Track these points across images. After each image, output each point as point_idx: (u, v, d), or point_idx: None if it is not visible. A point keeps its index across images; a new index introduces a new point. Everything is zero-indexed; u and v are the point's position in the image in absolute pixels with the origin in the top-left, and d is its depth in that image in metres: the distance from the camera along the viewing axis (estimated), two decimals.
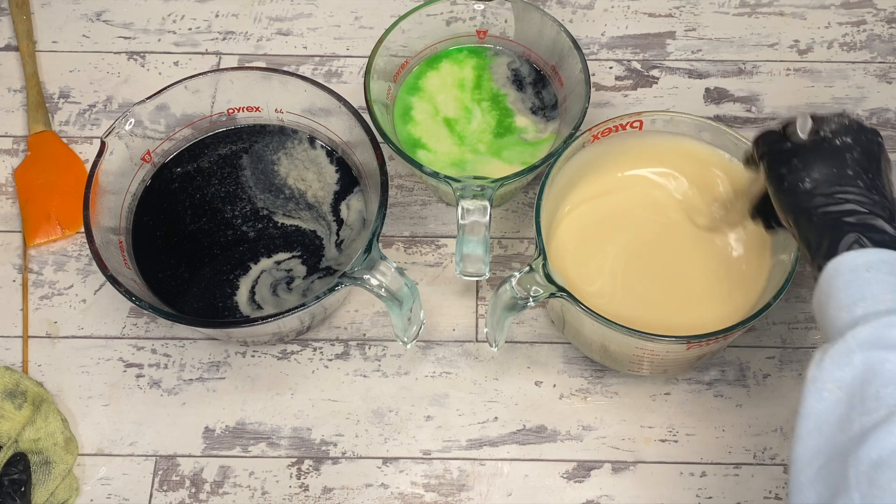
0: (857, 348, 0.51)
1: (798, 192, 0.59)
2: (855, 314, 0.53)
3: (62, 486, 0.73)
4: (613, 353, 0.73)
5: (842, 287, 0.54)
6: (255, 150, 0.82)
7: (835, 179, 0.59)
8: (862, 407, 0.49)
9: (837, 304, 0.54)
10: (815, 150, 0.60)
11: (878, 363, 0.50)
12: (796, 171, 0.60)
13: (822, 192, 0.58)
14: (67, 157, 0.88)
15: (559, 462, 0.75)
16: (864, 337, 0.51)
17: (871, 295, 0.53)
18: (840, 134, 0.60)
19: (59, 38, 0.95)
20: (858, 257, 0.55)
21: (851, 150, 0.60)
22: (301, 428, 0.77)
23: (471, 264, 0.72)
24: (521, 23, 0.82)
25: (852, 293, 0.54)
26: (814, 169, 0.59)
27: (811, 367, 0.53)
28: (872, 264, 0.54)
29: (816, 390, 0.52)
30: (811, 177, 0.59)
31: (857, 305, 0.53)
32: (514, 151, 0.81)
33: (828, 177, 0.59)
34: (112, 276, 0.68)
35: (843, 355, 0.51)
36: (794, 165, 0.60)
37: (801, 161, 0.60)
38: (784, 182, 0.60)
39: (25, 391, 0.76)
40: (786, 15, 0.95)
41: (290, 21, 0.95)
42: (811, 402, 0.52)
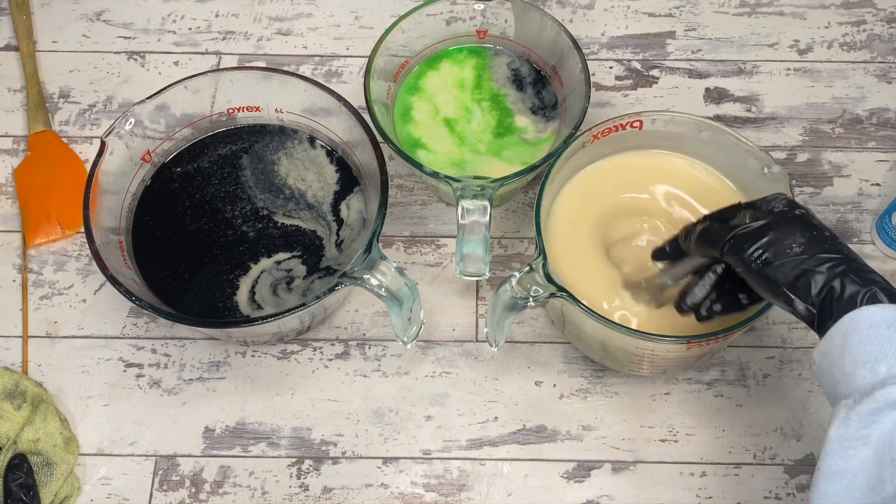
0: (886, 407, 0.50)
1: (788, 257, 0.58)
2: (878, 373, 0.52)
3: (64, 486, 0.73)
4: (613, 353, 0.73)
5: (861, 342, 0.53)
6: (255, 150, 0.82)
7: (820, 241, 0.58)
8: (892, 467, 0.49)
9: (855, 359, 0.53)
10: (785, 221, 0.59)
11: None
12: (778, 241, 0.58)
13: (813, 252, 0.57)
14: (67, 157, 0.88)
15: (559, 462, 0.75)
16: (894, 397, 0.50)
17: (893, 353, 0.52)
18: (793, 207, 0.60)
19: (59, 38, 0.95)
20: (878, 313, 0.53)
21: (812, 217, 0.60)
22: (301, 428, 0.77)
23: (471, 264, 0.72)
24: (521, 23, 0.82)
25: (874, 350, 0.52)
26: (796, 234, 0.58)
27: (834, 423, 0.52)
28: (892, 321, 0.53)
29: (842, 448, 0.51)
30: (797, 241, 0.58)
31: (879, 363, 0.52)
32: (514, 151, 0.81)
33: (812, 239, 0.58)
34: (112, 276, 0.68)
35: (871, 413, 0.51)
36: (770, 239, 0.59)
37: (778, 232, 0.59)
38: (765, 254, 0.58)
39: (25, 392, 0.76)
40: (786, 15, 0.95)
41: (290, 21, 0.95)
42: (836, 461, 0.51)
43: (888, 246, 0.82)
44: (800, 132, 0.89)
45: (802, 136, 0.89)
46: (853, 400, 0.52)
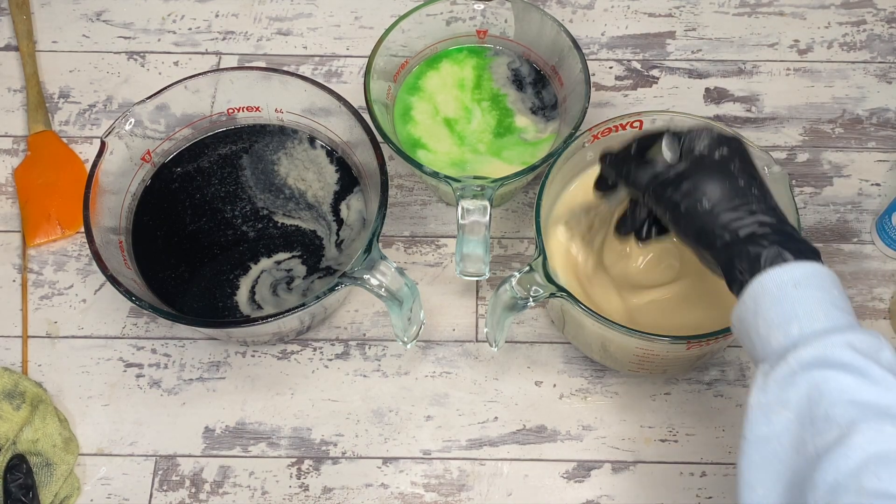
0: (800, 369, 0.51)
1: (699, 214, 0.58)
2: (791, 334, 0.52)
3: (64, 486, 0.73)
4: (613, 353, 0.73)
5: (770, 305, 0.54)
6: (255, 150, 0.82)
7: (732, 194, 0.58)
8: (813, 428, 0.49)
9: (768, 322, 0.53)
10: (699, 169, 0.59)
11: (823, 382, 0.50)
12: (690, 194, 0.58)
13: (724, 209, 0.57)
14: (67, 157, 0.88)
15: (559, 462, 0.75)
16: (807, 358, 0.51)
17: (803, 313, 0.53)
18: (713, 148, 0.60)
19: (59, 38, 0.95)
20: (784, 273, 0.54)
21: (732, 161, 0.59)
22: (301, 428, 0.77)
23: (471, 264, 0.72)
24: (521, 23, 0.82)
25: (783, 312, 0.53)
26: (706, 187, 0.58)
27: (753, 391, 0.52)
28: (798, 280, 0.54)
29: (763, 414, 0.51)
30: (708, 196, 0.58)
31: (790, 324, 0.53)
32: (514, 151, 0.81)
33: (724, 193, 0.58)
34: (112, 276, 0.68)
35: (786, 377, 0.51)
36: (685, 189, 0.59)
37: (691, 183, 0.59)
38: (681, 207, 0.59)
39: (24, 392, 0.76)
40: (786, 15, 0.95)
41: (290, 21, 0.95)
42: (759, 427, 0.51)
43: (888, 246, 0.82)
44: (800, 132, 0.89)
45: (802, 136, 0.89)
46: (769, 365, 0.52)
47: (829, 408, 0.49)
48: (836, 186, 0.86)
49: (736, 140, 0.61)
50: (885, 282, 0.82)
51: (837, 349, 0.51)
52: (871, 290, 0.82)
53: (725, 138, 0.60)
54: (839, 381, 0.50)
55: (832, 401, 0.49)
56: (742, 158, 0.60)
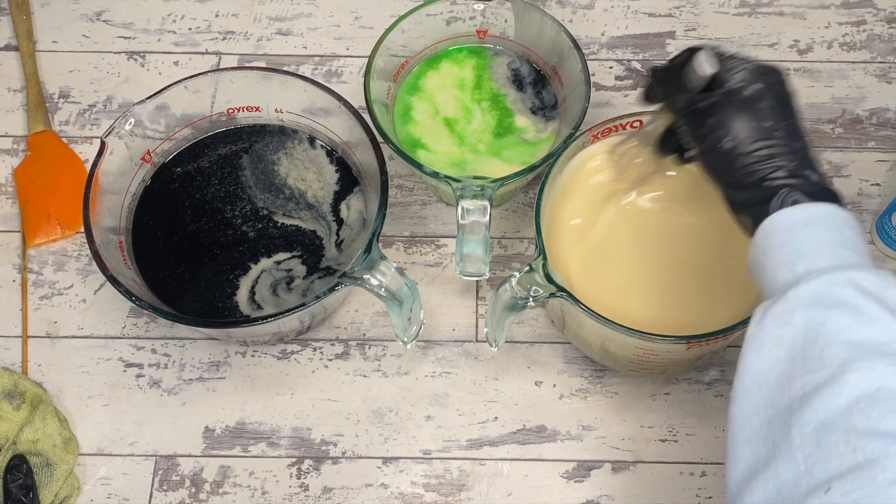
0: (799, 306, 0.50)
1: (719, 152, 0.58)
2: (796, 271, 0.52)
3: (64, 486, 0.73)
4: (613, 353, 0.73)
5: (779, 244, 0.54)
6: (255, 150, 0.82)
7: (754, 134, 0.57)
8: (804, 366, 0.49)
9: (776, 261, 0.53)
10: (728, 105, 0.58)
11: (820, 322, 0.49)
12: (714, 129, 0.58)
13: (743, 150, 0.57)
14: (67, 157, 0.88)
15: (559, 462, 0.75)
16: (806, 295, 0.50)
17: (810, 251, 0.52)
18: (749, 82, 0.58)
19: (59, 38, 0.95)
20: (795, 213, 0.54)
21: (764, 98, 0.58)
22: (301, 428, 0.77)
23: (471, 264, 0.72)
24: (521, 23, 0.82)
25: (791, 250, 0.53)
26: (731, 126, 0.57)
27: (751, 324, 0.52)
28: (809, 220, 0.54)
29: (756, 349, 0.51)
30: (730, 135, 0.57)
31: (797, 263, 0.52)
32: (514, 151, 0.81)
33: (747, 132, 0.57)
34: (112, 276, 0.68)
35: (784, 313, 0.51)
36: (711, 124, 0.58)
37: (717, 119, 0.58)
38: (705, 141, 0.59)
39: (24, 392, 0.76)
40: (786, 15, 0.95)
41: (290, 21, 0.95)
42: (750, 361, 0.51)
43: (888, 246, 0.82)
44: None
45: None
46: (772, 300, 0.52)
47: (823, 347, 0.49)
48: (836, 186, 0.86)
49: (775, 73, 0.59)
50: None
51: (838, 287, 0.50)
52: None
53: (763, 71, 0.59)
54: (836, 321, 0.49)
55: (827, 340, 0.49)
56: (777, 95, 0.58)
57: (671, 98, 0.63)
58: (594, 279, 0.74)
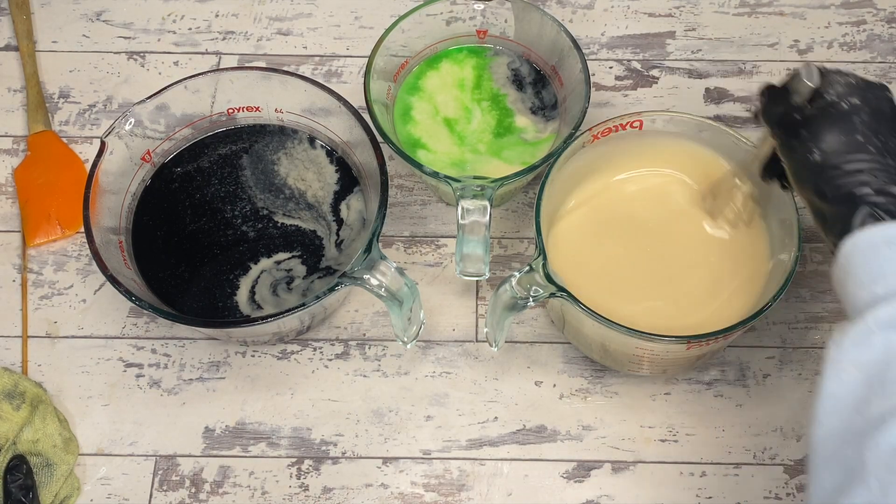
0: (877, 329, 0.50)
1: (808, 165, 0.57)
2: (875, 293, 0.51)
3: (64, 486, 0.73)
4: (613, 353, 0.73)
5: (860, 264, 0.53)
6: (255, 150, 0.82)
7: (844, 148, 0.56)
8: (882, 390, 0.48)
9: (856, 281, 0.53)
10: (821, 118, 0.57)
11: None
12: (805, 142, 0.57)
13: (832, 163, 0.56)
14: (67, 157, 0.88)
15: (559, 462, 0.75)
16: (885, 318, 0.50)
17: (891, 272, 0.52)
18: (846, 96, 0.58)
19: (59, 38, 0.95)
20: (877, 232, 0.53)
21: (859, 113, 0.57)
22: (301, 428, 0.77)
23: (471, 264, 0.72)
24: (521, 23, 0.82)
25: (871, 270, 0.52)
26: (822, 139, 0.57)
27: (830, 347, 0.52)
28: (891, 239, 0.53)
29: (835, 372, 0.50)
30: (819, 147, 0.57)
31: (876, 283, 0.52)
32: (514, 151, 0.81)
33: (837, 146, 0.56)
34: (112, 276, 0.68)
35: (862, 336, 0.50)
36: (802, 136, 0.58)
37: (809, 131, 0.58)
38: (795, 153, 0.58)
39: (24, 392, 0.76)
40: (786, 15, 0.95)
41: (290, 21, 0.95)
42: (829, 384, 0.51)
43: None
44: None
45: None
46: (850, 322, 0.52)
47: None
48: None
49: (877, 88, 0.59)
50: None
51: None
52: None
53: (864, 86, 0.58)
54: None
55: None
56: (875, 110, 0.57)
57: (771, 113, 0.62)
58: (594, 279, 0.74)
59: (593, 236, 0.75)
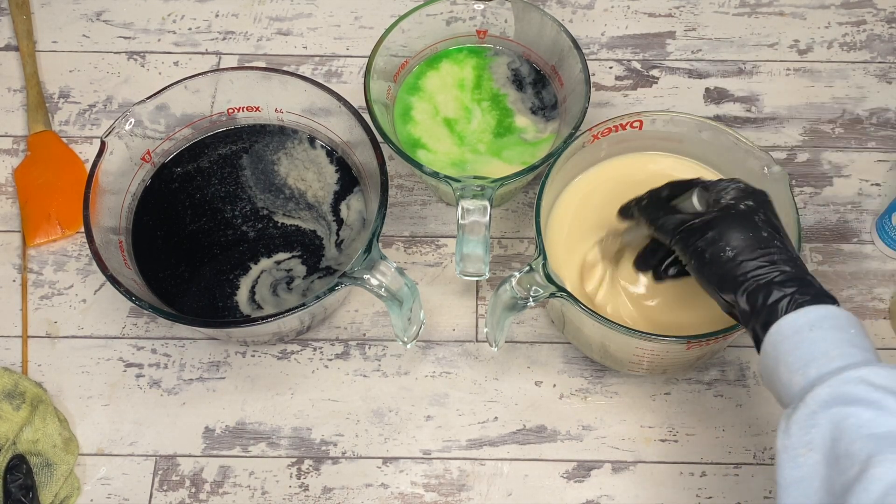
0: (819, 409, 0.51)
1: (722, 261, 0.59)
2: (809, 376, 0.53)
3: (64, 486, 0.73)
4: (613, 353, 0.73)
5: (790, 350, 0.55)
6: (255, 150, 0.82)
7: (755, 244, 0.59)
8: (838, 466, 0.50)
9: (788, 367, 0.55)
10: (725, 219, 0.60)
11: (843, 419, 0.51)
12: (714, 242, 0.60)
13: (746, 258, 0.58)
14: (67, 157, 0.88)
15: (559, 462, 0.75)
16: (824, 397, 0.51)
17: (820, 354, 0.54)
18: (741, 199, 0.61)
19: (59, 38, 0.95)
20: (799, 318, 0.55)
21: (757, 213, 0.61)
22: (301, 428, 0.77)
23: (471, 264, 0.72)
24: (521, 23, 0.82)
25: (801, 355, 0.54)
26: (731, 237, 0.59)
27: (779, 436, 0.53)
28: (814, 322, 0.55)
29: (791, 458, 0.52)
30: (731, 245, 0.59)
31: (809, 367, 0.54)
32: (514, 151, 0.81)
33: (747, 242, 0.59)
34: (112, 276, 0.68)
35: (807, 418, 0.52)
36: (710, 238, 0.60)
37: (717, 232, 0.60)
38: (705, 255, 0.60)
39: (24, 392, 0.76)
40: (786, 15, 0.95)
41: (290, 21, 0.95)
42: (788, 471, 0.52)
43: (888, 246, 0.82)
44: (800, 132, 0.89)
45: (802, 136, 0.89)
46: (792, 408, 0.53)
47: (848, 444, 0.50)
48: (836, 186, 0.86)
49: (762, 193, 0.63)
50: (885, 282, 0.82)
51: (851, 385, 0.51)
52: (871, 290, 0.82)
53: (751, 191, 0.62)
54: (858, 416, 0.50)
55: (851, 437, 0.50)
56: (766, 210, 0.61)
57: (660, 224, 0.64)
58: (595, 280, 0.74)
59: (593, 236, 0.75)
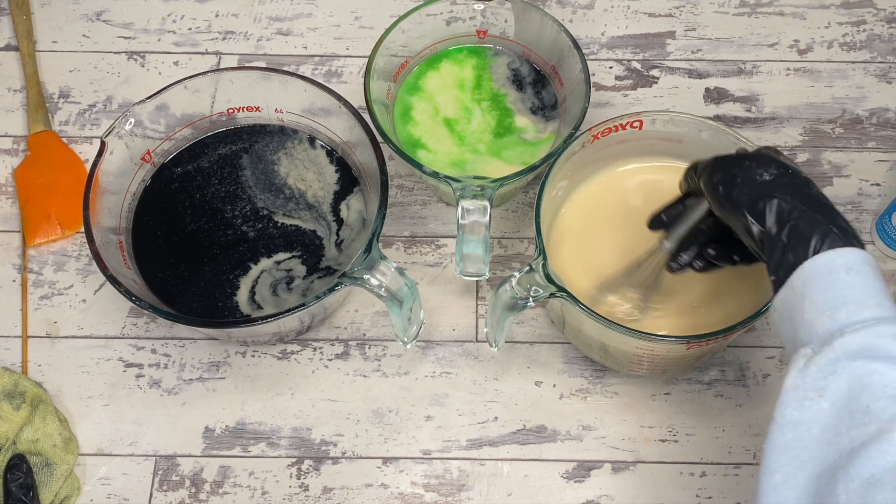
0: (844, 357, 0.49)
1: (756, 183, 0.57)
2: (838, 319, 0.51)
3: (64, 486, 0.73)
4: (613, 353, 0.73)
5: (821, 289, 0.52)
6: (255, 150, 0.82)
7: (792, 176, 0.57)
8: (850, 420, 0.48)
9: (815, 307, 0.52)
10: (763, 156, 0.59)
11: (867, 375, 0.48)
12: (751, 169, 0.58)
13: (782, 182, 0.56)
14: (67, 157, 0.88)
15: (559, 462, 0.75)
16: (853, 346, 0.49)
17: (853, 299, 0.51)
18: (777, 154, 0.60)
19: (59, 38, 0.95)
20: (837, 258, 0.52)
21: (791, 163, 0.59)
22: (301, 428, 0.77)
23: (471, 264, 0.72)
24: (521, 23, 0.82)
25: (833, 296, 0.51)
26: (770, 166, 0.57)
27: (791, 372, 0.50)
28: (852, 265, 0.52)
29: (798, 398, 0.50)
30: (769, 171, 0.57)
31: (839, 310, 0.51)
32: (514, 151, 0.81)
33: (784, 176, 0.57)
34: (112, 276, 0.68)
35: (829, 364, 0.49)
36: (746, 165, 0.58)
37: (753, 161, 0.58)
38: (737, 178, 0.58)
39: (24, 392, 0.76)
40: (786, 15, 0.95)
41: (290, 21, 0.95)
42: (791, 411, 0.50)
43: (888, 246, 0.82)
44: (800, 132, 0.89)
45: (802, 136, 0.89)
46: (812, 349, 0.51)
47: (870, 401, 0.47)
48: (836, 186, 0.86)
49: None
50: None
51: (885, 340, 0.49)
52: None
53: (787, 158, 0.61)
54: (884, 374, 0.48)
55: (875, 394, 0.47)
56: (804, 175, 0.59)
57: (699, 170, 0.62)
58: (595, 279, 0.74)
59: (593, 236, 0.75)
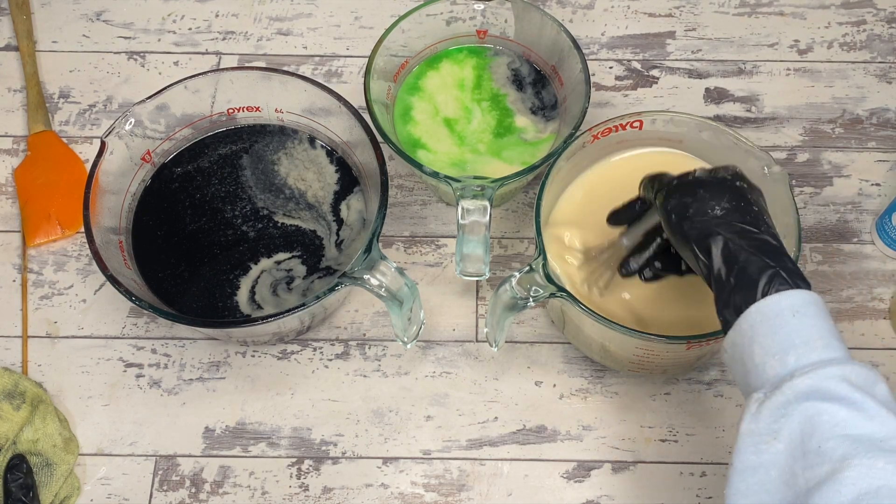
0: (795, 399, 0.50)
1: (706, 217, 0.58)
2: (787, 364, 0.52)
3: (64, 486, 0.73)
4: (613, 353, 0.73)
5: (769, 333, 0.53)
6: (255, 150, 0.82)
7: (743, 212, 0.58)
8: (804, 461, 0.49)
9: (764, 350, 0.53)
10: (719, 184, 0.59)
11: (817, 415, 0.49)
12: (704, 200, 0.58)
13: (732, 221, 0.57)
14: (67, 157, 0.88)
15: (559, 462, 0.75)
16: (802, 388, 0.50)
17: (801, 342, 0.52)
18: (737, 178, 0.60)
19: (59, 38, 0.95)
20: (783, 300, 0.53)
21: (750, 193, 0.60)
22: (301, 428, 0.77)
23: (471, 264, 0.72)
24: (521, 23, 0.82)
25: (781, 340, 0.52)
26: (723, 199, 0.58)
27: (745, 418, 0.52)
28: (798, 307, 0.53)
29: (753, 444, 0.51)
30: (721, 205, 0.58)
31: (787, 354, 0.52)
32: (514, 151, 0.81)
33: (736, 209, 0.58)
34: (112, 276, 0.68)
35: (780, 407, 0.50)
36: (700, 195, 0.59)
37: (707, 191, 0.59)
38: (689, 209, 0.59)
39: (24, 392, 0.76)
40: (786, 15, 0.95)
41: (290, 21, 0.96)
42: (748, 456, 0.51)
43: (888, 246, 0.82)
44: (800, 132, 0.89)
45: (802, 136, 0.89)
46: (763, 393, 0.52)
47: (821, 441, 0.49)
48: (836, 186, 0.86)
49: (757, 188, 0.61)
50: (885, 282, 0.82)
51: (833, 381, 0.50)
52: (871, 290, 0.82)
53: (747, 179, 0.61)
54: (833, 414, 0.49)
55: (825, 434, 0.49)
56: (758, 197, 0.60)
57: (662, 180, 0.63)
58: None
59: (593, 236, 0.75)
